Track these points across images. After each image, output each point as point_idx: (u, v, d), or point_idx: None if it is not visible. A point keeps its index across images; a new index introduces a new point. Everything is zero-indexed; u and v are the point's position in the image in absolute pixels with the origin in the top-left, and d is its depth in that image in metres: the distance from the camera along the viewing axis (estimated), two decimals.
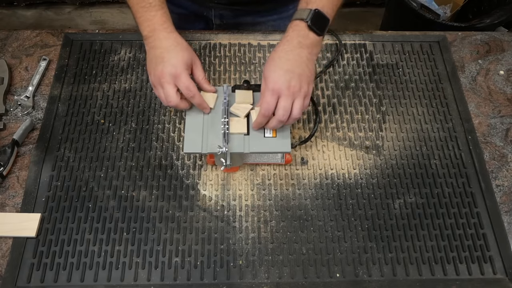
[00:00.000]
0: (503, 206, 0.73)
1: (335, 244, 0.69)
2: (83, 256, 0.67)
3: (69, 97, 0.82)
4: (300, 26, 0.63)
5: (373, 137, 0.79)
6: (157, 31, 0.66)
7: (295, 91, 0.60)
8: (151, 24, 0.66)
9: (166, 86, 0.63)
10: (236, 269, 0.67)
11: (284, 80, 0.59)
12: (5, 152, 0.73)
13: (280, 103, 0.60)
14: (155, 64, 0.64)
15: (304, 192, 0.73)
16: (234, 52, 0.89)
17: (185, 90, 0.63)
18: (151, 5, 0.67)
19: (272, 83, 0.60)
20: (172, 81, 0.63)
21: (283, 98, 0.60)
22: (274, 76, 0.60)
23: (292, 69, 0.60)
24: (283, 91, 0.59)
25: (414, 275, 0.67)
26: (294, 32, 0.63)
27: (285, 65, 0.60)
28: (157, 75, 0.63)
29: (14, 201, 0.72)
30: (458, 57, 0.91)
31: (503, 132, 0.81)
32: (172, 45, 0.65)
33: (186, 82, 0.63)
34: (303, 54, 0.62)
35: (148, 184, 0.73)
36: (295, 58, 0.61)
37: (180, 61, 0.63)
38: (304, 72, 0.61)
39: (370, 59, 0.89)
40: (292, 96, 0.60)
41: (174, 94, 0.63)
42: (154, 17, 0.67)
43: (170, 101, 0.63)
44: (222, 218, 0.71)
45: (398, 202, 0.73)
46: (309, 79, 0.62)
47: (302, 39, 0.62)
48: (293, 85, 0.59)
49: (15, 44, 0.90)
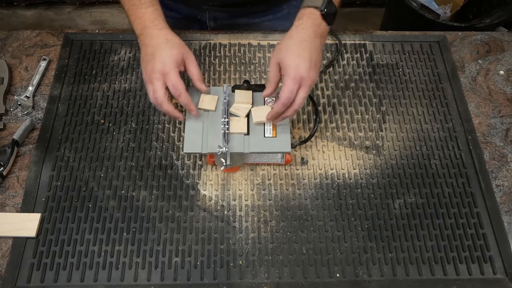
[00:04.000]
0: (503, 206, 0.73)
1: (335, 244, 0.69)
2: (83, 256, 0.67)
3: (69, 97, 0.82)
4: (315, 14, 0.63)
5: (373, 137, 0.79)
6: (148, 29, 0.66)
7: (313, 80, 0.61)
8: (142, 22, 0.66)
9: (155, 82, 0.62)
10: (236, 269, 0.67)
11: (305, 69, 0.59)
12: (5, 152, 0.73)
13: (300, 92, 0.60)
14: (146, 62, 0.64)
15: (304, 192, 0.73)
16: (234, 52, 0.89)
17: (172, 88, 0.63)
18: (141, 3, 0.67)
19: (294, 71, 0.59)
20: (161, 78, 0.62)
21: (304, 87, 0.60)
22: (296, 65, 0.60)
23: (311, 57, 0.60)
24: (305, 81, 0.60)
25: (414, 275, 0.67)
26: (310, 20, 0.62)
27: (303, 53, 0.60)
28: (148, 73, 0.63)
29: (14, 201, 0.72)
30: (458, 57, 0.91)
31: (503, 132, 0.81)
32: (162, 42, 0.65)
33: (173, 80, 0.62)
34: (317, 43, 0.62)
35: (148, 184, 0.73)
36: (311, 47, 0.61)
37: (169, 58, 0.63)
38: (318, 61, 0.62)
39: (370, 59, 0.89)
40: (310, 86, 0.61)
41: (161, 90, 0.62)
42: (144, 14, 0.67)
43: (156, 97, 0.62)
44: (222, 218, 0.71)
45: (398, 202, 0.73)
46: (319, 68, 0.63)
47: (317, 28, 0.62)
48: (311, 75, 0.60)
49: (15, 44, 0.90)
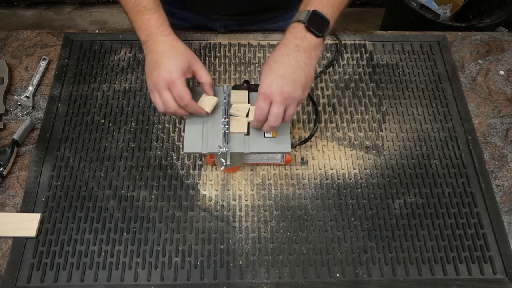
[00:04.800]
0: (503, 206, 0.73)
1: (335, 244, 0.69)
2: (83, 256, 0.67)
3: (69, 97, 0.82)
4: (298, 28, 0.61)
5: (373, 137, 0.79)
6: (154, 35, 0.64)
7: (287, 97, 0.58)
8: (148, 28, 0.65)
9: (163, 93, 0.61)
10: (236, 269, 0.67)
11: (276, 86, 0.58)
12: (5, 152, 0.73)
13: (272, 109, 0.59)
14: (151, 69, 0.63)
15: (304, 192, 0.73)
16: (234, 52, 0.89)
17: (178, 99, 0.61)
18: (146, 9, 0.66)
19: (265, 88, 0.59)
20: (167, 87, 0.61)
21: (275, 104, 0.59)
22: (267, 81, 0.59)
23: (286, 74, 0.59)
24: (275, 97, 0.58)
25: (414, 275, 0.67)
26: (291, 35, 0.61)
27: (279, 70, 0.59)
28: (153, 81, 0.62)
29: (14, 201, 0.72)
30: (458, 57, 0.91)
31: (503, 132, 0.81)
32: (168, 49, 0.63)
33: (180, 90, 0.61)
34: (300, 58, 0.60)
35: (148, 184, 0.73)
36: (291, 63, 0.59)
37: (175, 67, 0.61)
38: (299, 78, 0.59)
39: (370, 59, 0.89)
40: (284, 102, 0.59)
41: (172, 101, 0.61)
42: (150, 20, 0.65)
43: (168, 108, 0.61)
44: (222, 218, 0.71)
45: (398, 202, 0.73)
46: (304, 85, 0.60)
47: (299, 42, 0.61)
48: (285, 91, 0.58)
49: (15, 44, 0.90)
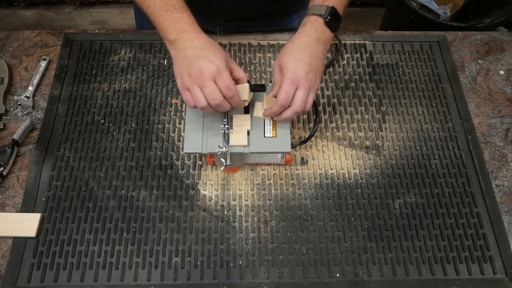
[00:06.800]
0: (503, 206, 0.73)
1: (335, 244, 0.69)
2: (83, 256, 0.67)
3: (69, 97, 0.82)
4: (319, 21, 0.64)
5: (373, 137, 0.79)
6: (187, 32, 0.62)
7: (312, 84, 0.61)
8: (179, 26, 0.63)
9: (208, 84, 0.58)
10: (236, 269, 0.67)
11: (302, 72, 0.60)
12: (5, 152, 0.73)
13: (298, 93, 0.61)
14: (189, 64, 0.59)
15: (304, 192, 0.73)
16: (234, 52, 0.89)
17: (225, 90, 0.58)
18: (175, 8, 0.64)
19: (293, 73, 0.60)
20: (212, 78, 0.58)
21: (301, 89, 0.61)
22: (295, 67, 0.61)
23: (311, 62, 0.61)
24: (302, 83, 0.60)
25: (414, 275, 0.67)
26: (313, 27, 0.64)
27: (304, 58, 0.61)
28: (194, 74, 0.58)
29: (14, 201, 0.72)
30: (458, 57, 0.91)
31: (503, 132, 0.81)
32: (207, 44, 0.62)
33: (228, 80, 0.58)
34: (320, 49, 0.63)
35: (148, 184, 0.73)
36: (313, 53, 0.62)
37: (220, 58, 0.59)
38: (319, 68, 0.63)
39: (370, 59, 0.89)
40: (309, 88, 0.61)
41: (219, 92, 0.58)
42: (181, 18, 0.63)
43: (214, 99, 0.58)
44: (222, 218, 0.71)
45: (398, 202, 0.73)
46: (321, 74, 0.64)
47: (320, 35, 0.64)
48: (310, 77, 0.61)
49: (15, 44, 0.90)
